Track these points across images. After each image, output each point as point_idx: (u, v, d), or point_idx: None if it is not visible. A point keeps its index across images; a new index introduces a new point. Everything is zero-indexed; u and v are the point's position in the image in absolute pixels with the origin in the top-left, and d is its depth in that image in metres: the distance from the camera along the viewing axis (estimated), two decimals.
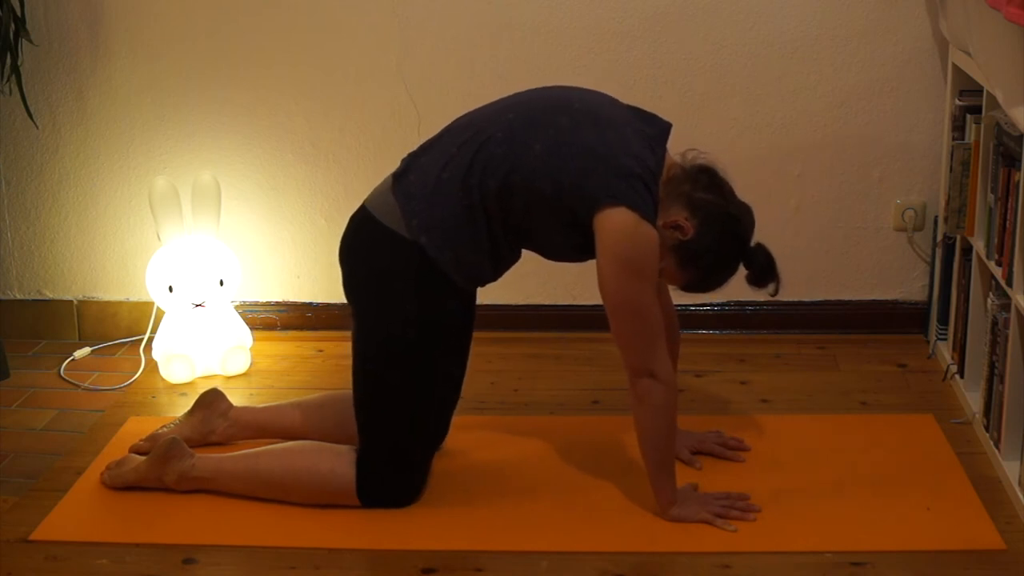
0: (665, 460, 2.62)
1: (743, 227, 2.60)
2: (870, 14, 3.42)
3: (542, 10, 3.46)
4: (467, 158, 2.56)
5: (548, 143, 2.53)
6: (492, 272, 2.68)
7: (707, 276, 2.62)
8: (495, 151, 2.55)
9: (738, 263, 2.61)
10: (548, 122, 2.56)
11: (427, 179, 2.59)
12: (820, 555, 2.51)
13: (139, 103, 3.59)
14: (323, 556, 2.57)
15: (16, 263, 3.74)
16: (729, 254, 2.60)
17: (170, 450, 2.77)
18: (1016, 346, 2.72)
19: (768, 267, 2.61)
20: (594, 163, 2.50)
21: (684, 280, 2.62)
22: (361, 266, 2.67)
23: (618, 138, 2.55)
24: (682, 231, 2.54)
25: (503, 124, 2.58)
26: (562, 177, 2.51)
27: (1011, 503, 2.68)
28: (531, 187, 2.52)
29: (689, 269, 2.59)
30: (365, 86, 3.55)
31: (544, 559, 2.54)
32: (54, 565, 2.57)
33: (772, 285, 2.62)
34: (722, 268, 2.62)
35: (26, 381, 3.45)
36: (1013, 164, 2.74)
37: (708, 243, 2.55)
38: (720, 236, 2.56)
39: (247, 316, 3.64)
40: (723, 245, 2.58)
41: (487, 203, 2.55)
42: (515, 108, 2.62)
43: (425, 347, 2.62)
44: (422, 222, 2.57)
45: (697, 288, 2.65)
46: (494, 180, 2.54)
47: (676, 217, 2.54)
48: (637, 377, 2.56)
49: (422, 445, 2.71)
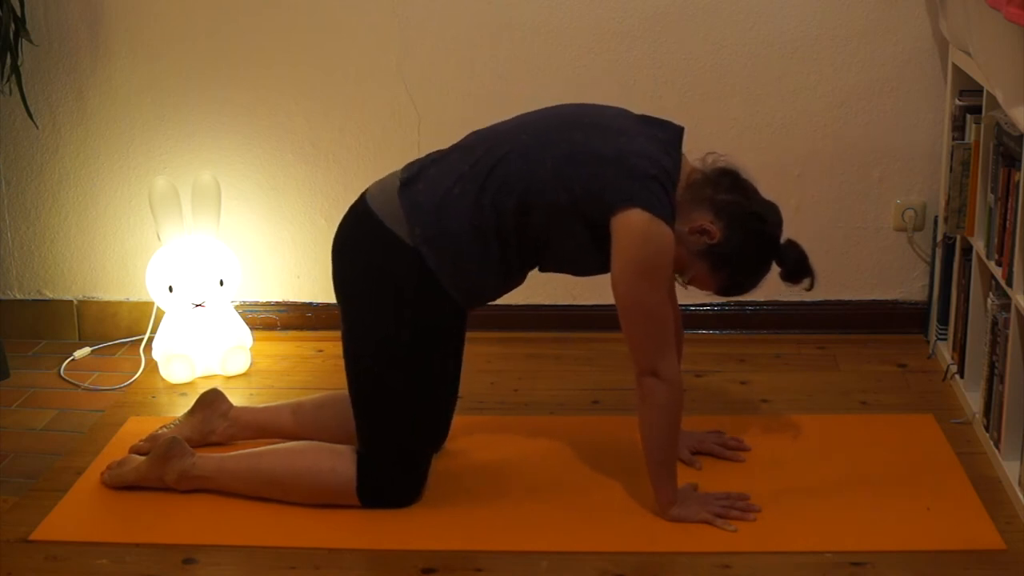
0: (666, 460, 2.62)
1: (770, 225, 2.59)
2: (870, 14, 3.42)
3: (542, 10, 3.46)
4: (481, 177, 2.56)
5: (560, 157, 2.53)
6: (493, 292, 2.68)
7: (740, 278, 2.61)
8: (510, 170, 2.55)
9: (770, 261, 2.61)
10: (561, 138, 2.57)
11: (436, 191, 2.58)
12: (820, 555, 2.51)
13: (139, 103, 3.59)
14: (323, 556, 2.57)
15: (16, 263, 3.74)
16: (760, 254, 2.59)
17: (171, 449, 2.77)
18: (1016, 346, 2.72)
19: (801, 263, 2.60)
20: (605, 168, 2.50)
21: (718, 284, 2.61)
22: (359, 261, 2.66)
23: (629, 143, 2.55)
24: (709, 235, 2.54)
25: (517, 143, 2.58)
26: (575, 186, 2.51)
27: (1011, 503, 2.68)
28: (547, 202, 2.53)
29: (722, 273, 2.58)
30: (365, 86, 3.55)
31: (544, 559, 2.54)
32: (54, 565, 2.57)
33: (807, 280, 2.61)
34: (755, 268, 2.60)
35: (26, 381, 3.45)
36: (1013, 164, 2.74)
37: (737, 245, 2.54)
38: (748, 237, 2.55)
39: (247, 316, 3.64)
40: (752, 245, 2.57)
41: (502, 222, 2.55)
42: (528, 128, 2.62)
43: (420, 348, 2.62)
44: (426, 233, 2.56)
45: (732, 291, 2.64)
46: (510, 199, 2.54)
47: (701, 221, 2.54)
48: (643, 376, 2.56)
49: (421, 445, 2.71)
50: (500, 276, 2.64)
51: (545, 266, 2.69)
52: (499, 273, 2.63)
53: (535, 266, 2.69)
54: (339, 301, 2.70)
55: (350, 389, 2.70)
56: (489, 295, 2.68)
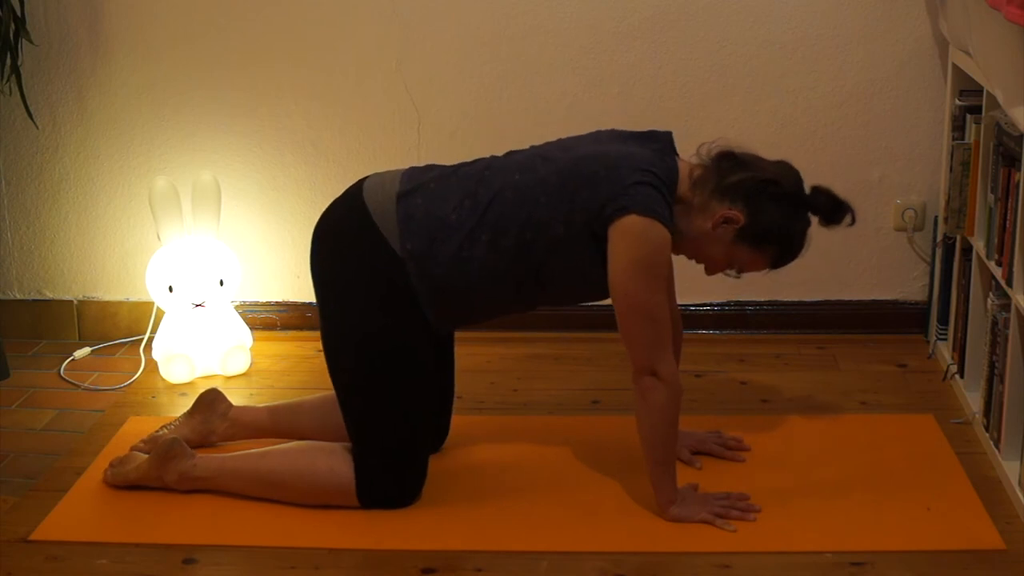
0: (665, 459, 2.62)
1: (788, 184, 2.60)
2: (870, 14, 3.42)
3: (542, 10, 3.46)
4: (478, 212, 2.57)
5: (552, 191, 2.55)
6: (466, 321, 2.70)
7: (785, 245, 2.60)
8: (505, 210, 2.56)
9: (805, 216, 2.61)
10: (550, 171, 2.58)
11: (432, 210, 2.59)
12: (820, 555, 2.51)
13: (139, 103, 3.59)
14: (323, 556, 2.57)
15: (16, 263, 3.74)
16: (791, 214, 2.59)
17: (171, 449, 2.77)
18: (1016, 346, 2.72)
19: (835, 204, 2.61)
20: (599, 185, 2.52)
21: (768, 261, 2.62)
22: (345, 254, 2.65)
23: (619, 157, 2.56)
24: (734, 221, 2.55)
25: (511, 184, 2.59)
26: (574, 215, 2.53)
27: (1011, 503, 2.68)
28: (548, 237, 2.55)
29: (766, 248, 2.59)
30: (365, 86, 3.55)
31: (544, 559, 2.54)
32: (54, 565, 2.57)
33: (848, 217, 2.62)
34: (793, 229, 2.60)
35: (26, 381, 3.45)
36: (1013, 164, 2.74)
37: (766, 217, 2.55)
38: (772, 205, 2.56)
39: (247, 316, 3.64)
40: (780, 211, 2.57)
41: (499, 259, 2.57)
42: (521, 167, 2.62)
43: (403, 348, 2.62)
44: (416, 248, 2.57)
45: (784, 260, 2.63)
46: (506, 239, 2.56)
47: (721, 212, 2.55)
48: (641, 376, 2.56)
49: (408, 444, 2.69)
50: (482, 309, 2.67)
51: (543, 297, 2.68)
52: (481, 307, 2.66)
53: (530, 302, 2.69)
54: (317, 286, 2.70)
55: (336, 391, 2.71)
56: (462, 323, 2.72)
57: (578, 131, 2.75)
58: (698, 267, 3.58)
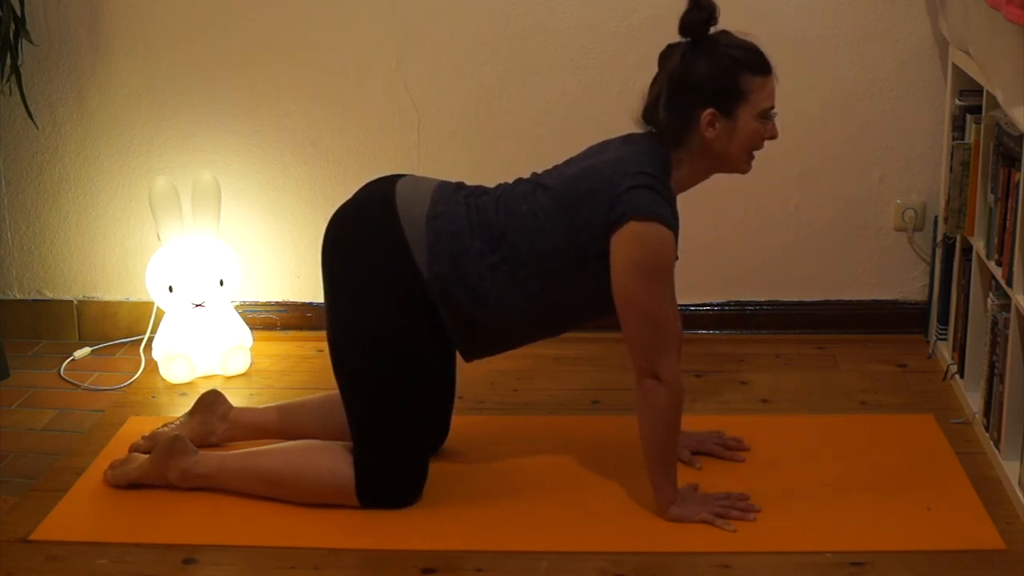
0: (665, 460, 2.62)
1: (683, 55, 2.60)
2: (870, 14, 3.42)
3: (542, 10, 3.46)
4: (494, 243, 2.59)
5: (554, 216, 2.58)
6: (504, 346, 2.74)
7: (740, 69, 2.59)
8: (519, 244, 2.59)
9: (714, 43, 2.61)
10: (548, 197, 2.60)
11: (458, 231, 2.60)
12: (820, 555, 2.51)
13: (139, 103, 3.59)
14: (323, 556, 2.57)
15: (16, 263, 3.74)
16: (710, 54, 2.59)
17: (174, 447, 2.77)
18: (1016, 346, 2.72)
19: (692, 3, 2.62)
20: (594, 202, 2.54)
21: (755, 97, 2.60)
22: (365, 256, 2.65)
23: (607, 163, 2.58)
24: (707, 111, 2.54)
25: (519, 214, 2.61)
26: (579, 234, 2.55)
27: (1011, 503, 2.68)
28: (563, 265, 2.57)
29: (740, 92, 2.57)
30: (365, 86, 3.55)
31: (544, 559, 2.54)
32: (54, 565, 2.57)
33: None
34: (728, 57, 2.59)
35: (26, 381, 3.45)
36: (1013, 164, 2.74)
37: (708, 81, 2.56)
38: (699, 73, 2.56)
39: (247, 316, 3.64)
40: (705, 65, 2.57)
41: (521, 289, 2.59)
42: (525, 198, 2.63)
43: (416, 351, 2.63)
44: (443, 273, 2.59)
45: (756, 70, 2.62)
46: (523, 270, 2.59)
47: (695, 124, 2.55)
48: (643, 377, 2.57)
49: (410, 444, 2.70)
50: (512, 339, 2.73)
51: (570, 318, 2.71)
52: (511, 337, 2.72)
53: (549, 328, 2.74)
54: (330, 283, 2.70)
55: (340, 391, 2.71)
56: (493, 351, 2.74)
57: (578, 131, 2.76)
58: (698, 267, 3.61)
